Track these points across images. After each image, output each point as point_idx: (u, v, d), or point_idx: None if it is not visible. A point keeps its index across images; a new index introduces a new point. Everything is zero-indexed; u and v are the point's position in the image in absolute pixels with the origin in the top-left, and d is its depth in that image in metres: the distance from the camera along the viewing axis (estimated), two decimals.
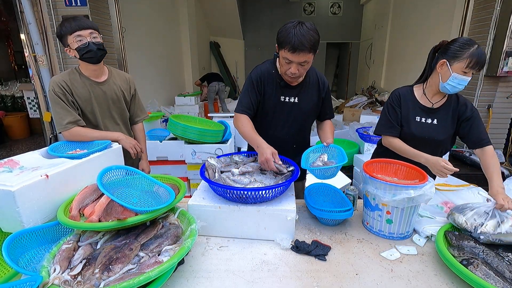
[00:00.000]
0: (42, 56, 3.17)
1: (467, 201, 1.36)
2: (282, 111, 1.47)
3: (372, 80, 7.79)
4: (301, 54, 1.21)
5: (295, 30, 1.19)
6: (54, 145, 1.38)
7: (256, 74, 1.44)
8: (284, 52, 1.24)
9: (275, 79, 1.42)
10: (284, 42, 1.22)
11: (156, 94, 5.47)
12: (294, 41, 1.18)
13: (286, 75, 1.34)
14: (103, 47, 1.50)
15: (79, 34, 1.43)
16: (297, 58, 1.23)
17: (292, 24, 1.22)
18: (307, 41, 1.19)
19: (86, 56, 1.46)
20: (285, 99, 1.45)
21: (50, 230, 0.94)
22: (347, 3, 9.40)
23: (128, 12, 4.23)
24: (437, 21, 4.56)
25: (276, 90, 1.44)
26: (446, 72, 1.27)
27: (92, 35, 1.46)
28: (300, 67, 1.28)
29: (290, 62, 1.26)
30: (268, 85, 1.43)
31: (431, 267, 0.97)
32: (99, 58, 1.50)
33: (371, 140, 3.25)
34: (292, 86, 1.43)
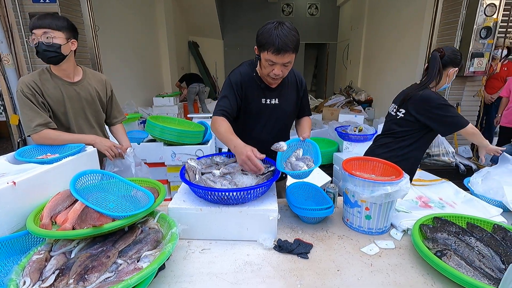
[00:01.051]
0: (7, 55, 2.99)
1: (440, 195, 1.43)
2: (264, 113, 1.47)
3: (350, 80, 8.00)
4: (285, 55, 1.20)
5: (277, 32, 1.17)
6: (22, 150, 1.30)
7: (236, 78, 1.40)
8: (267, 54, 1.22)
9: (256, 82, 1.41)
10: (266, 44, 1.20)
11: (133, 95, 5.31)
12: (277, 42, 1.17)
13: (269, 77, 1.32)
14: (57, 49, 1.41)
15: (34, 33, 1.37)
16: (281, 60, 1.22)
17: (273, 25, 1.20)
18: (291, 41, 1.18)
19: (39, 57, 1.40)
20: (267, 101, 1.44)
21: (18, 240, 0.89)
22: (324, 5, 9.60)
23: (102, 10, 4.07)
24: (409, 23, 4.76)
25: (257, 93, 1.43)
26: (452, 77, 1.62)
27: (46, 35, 1.37)
28: (283, 68, 1.27)
29: (274, 64, 1.25)
30: (248, 89, 1.41)
31: (408, 260, 1.01)
32: (49, 59, 1.42)
33: (349, 139, 3.34)
34: (272, 88, 1.43)
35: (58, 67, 1.48)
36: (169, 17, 6.99)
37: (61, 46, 1.41)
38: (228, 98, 1.39)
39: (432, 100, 1.55)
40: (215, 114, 1.38)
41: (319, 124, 4.58)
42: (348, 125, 3.62)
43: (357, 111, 5.47)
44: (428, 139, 1.71)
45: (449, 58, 1.57)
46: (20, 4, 2.91)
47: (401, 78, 4.84)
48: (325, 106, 6.24)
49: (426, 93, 1.58)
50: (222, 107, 1.38)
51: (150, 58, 6.45)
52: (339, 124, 3.92)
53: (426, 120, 1.58)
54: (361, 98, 6.37)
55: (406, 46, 4.86)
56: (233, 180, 1.21)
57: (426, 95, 1.57)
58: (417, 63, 4.38)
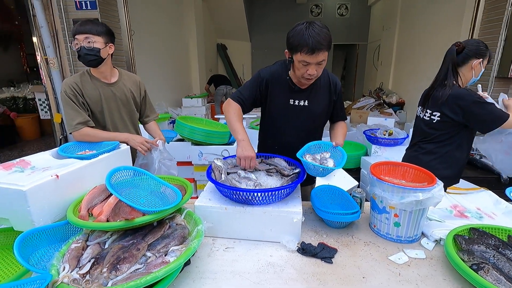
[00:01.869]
0: (53, 58, 3.24)
1: (478, 204, 1.34)
2: (292, 115, 1.44)
3: (380, 82, 7.71)
4: (319, 54, 1.19)
5: (309, 31, 1.16)
6: (64, 146, 1.41)
7: (264, 74, 1.42)
8: (300, 56, 1.21)
9: (288, 83, 1.40)
10: (299, 45, 1.19)
11: (163, 96, 5.52)
12: (311, 42, 1.16)
13: (303, 78, 1.30)
14: (96, 53, 1.51)
15: (76, 38, 1.48)
16: (315, 59, 1.21)
17: (303, 25, 1.19)
18: (323, 39, 1.17)
19: (79, 60, 1.51)
20: (295, 102, 1.42)
21: (59, 229, 0.96)
22: (355, 4, 9.35)
23: (137, 15, 4.29)
24: (446, 22, 4.50)
25: (285, 94, 1.42)
26: (478, 69, 1.52)
27: (87, 40, 1.48)
28: (318, 67, 1.25)
29: (308, 64, 1.23)
30: (276, 88, 1.41)
31: (440, 272, 0.96)
32: (89, 62, 1.52)
33: (378, 143, 3.22)
34: (302, 89, 1.40)
35: (97, 70, 1.58)
36: (199, 20, 7.19)
37: (100, 50, 1.51)
38: (248, 89, 1.43)
39: (465, 97, 1.46)
40: (231, 97, 1.43)
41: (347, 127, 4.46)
42: (378, 129, 3.49)
43: (387, 114, 5.26)
44: (470, 138, 1.62)
45: (470, 50, 1.49)
46: (65, 12, 3.15)
47: None
48: (353, 108, 6.07)
49: (457, 92, 1.48)
50: (240, 94, 1.42)
51: (180, 60, 6.67)
52: (368, 127, 3.79)
53: (463, 119, 1.49)
54: (392, 100, 6.11)
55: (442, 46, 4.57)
56: (257, 181, 1.22)
57: (457, 93, 1.47)
58: None
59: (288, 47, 1.27)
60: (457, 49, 1.51)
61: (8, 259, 0.99)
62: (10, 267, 0.95)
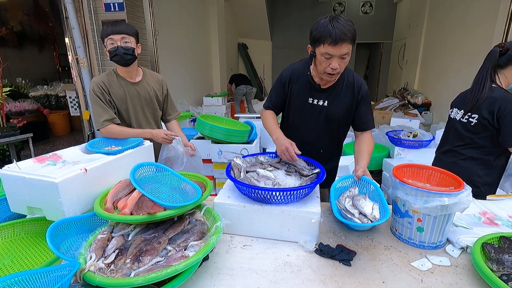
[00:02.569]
0: (83, 58, 3.41)
1: (509, 212, 1.27)
2: (311, 114, 1.43)
3: (405, 82, 7.44)
4: (343, 45, 1.17)
5: (333, 23, 1.16)
6: (92, 141, 1.48)
7: (287, 72, 1.44)
8: (323, 48, 1.19)
9: (308, 80, 1.39)
10: (322, 36, 1.17)
11: (185, 95, 5.65)
12: (334, 32, 1.14)
13: (326, 74, 1.27)
14: (132, 52, 1.58)
15: (112, 38, 1.54)
16: (339, 51, 1.18)
17: (327, 19, 1.18)
18: (348, 30, 1.16)
19: (114, 59, 1.57)
20: (313, 102, 1.41)
21: (87, 220, 1.01)
22: (380, 2, 9.08)
23: (161, 15, 4.41)
24: (479, 19, 4.26)
25: (304, 91, 1.41)
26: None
27: (124, 40, 1.55)
28: (340, 61, 1.23)
29: (331, 57, 1.21)
30: (297, 83, 1.42)
31: (465, 281, 0.91)
32: (126, 61, 1.59)
33: (402, 144, 3.11)
34: (322, 88, 1.39)
35: (125, 69, 1.65)
36: (221, 20, 7.27)
37: (134, 49, 1.59)
38: (274, 92, 1.49)
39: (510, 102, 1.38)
40: (264, 106, 1.54)
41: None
42: (401, 130, 3.37)
43: (412, 115, 5.07)
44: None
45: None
46: (95, 13, 3.30)
47: (467, 81, 4.31)
48: (376, 109, 5.90)
49: (503, 95, 1.41)
50: (269, 101, 1.52)
51: (201, 59, 6.79)
52: (391, 129, 3.68)
53: (496, 122, 1.42)
54: (418, 101, 5.87)
55: (474, 45, 4.35)
56: (276, 180, 1.22)
57: (504, 96, 1.40)
58: None
59: (311, 41, 1.26)
60: (500, 50, 1.45)
61: (41, 246, 1.06)
62: (42, 253, 1.02)
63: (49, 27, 6.21)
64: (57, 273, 0.72)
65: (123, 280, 0.73)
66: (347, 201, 0.99)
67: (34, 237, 1.11)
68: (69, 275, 0.71)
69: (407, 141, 3.09)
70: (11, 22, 5.84)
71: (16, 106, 4.61)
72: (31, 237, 1.11)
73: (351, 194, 1.07)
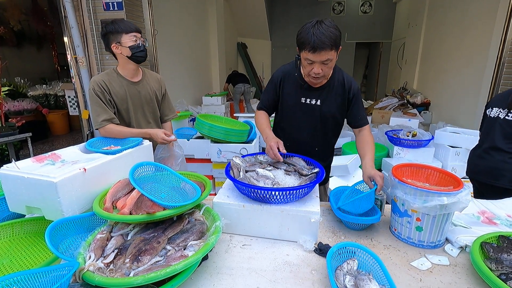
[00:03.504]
0: (82, 57, 3.40)
1: (508, 211, 1.27)
2: (304, 113, 1.46)
3: (404, 81, 7.45)
4: (322, 52, 1.19)
5: (314, 30, 1.18)
6: (91, 141, 1.47)
7: (278, 74, 1.48)
8: (305, 53, 1.23)
9: (297, 80, 1.43)
10: (304, 43, 1.21)
11: (184, 94, 5.64)
12: (313, 40, 1.17)
13: (310, 76, 1.31)
14: (147, 51, 1.65)
15: (135, 35, 1.58)
16: (318, 57, 1.21)
17: (311, 24, 1.21)
18: (327, 38, 1.17)
19: (138, 55, 1.60)
20: (306, 101, 1.44)
21: (86, 219, 1.01)
22: (379, 2, 9.07)
23: (160, 15, 4.40)
24: (478, 19, 4.26)
25: (296, 91, 1.45)
26: None
27: (142, 39, 1.62)
28: (323, 66, 1.25)
29: (312, 63, 1.25)
30: (289, 84, 1.45)
31: (464, 280, 0.92)
32: (146, 58, 1.66)
33: (401, 144, 3.12)
34: (314, 88, 1.41)
35: (133, 68, 1.66)
36: (220, 20, 7.26)
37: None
38: (268, 93, 1.52)
39: None
40: (257, 108, 1.58)
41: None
42: (401, 129, 3.38)
43: (411, 115, 5.07)
44: None
45: None
46: (94, 13, 3.29)
47: (465, 80, 4.36)
48: (375, 108, 5.90)
49: None
50: (262, 102, 1.56)
51: (201, 59, 6.78)
52: (390, 128, 3.68)
53: None
54: (417, 100, 5.88)
55: (473, 44, 4.36)
56: (275, 180, 1.22)
57: None
58: (485, 63, 3.89)
59: (297, 44, 1.29)
60: None
61: (40, 246, 1.05)
62: (41, 253, 1.02)
63: (48, 26, 6.19)
64: (56, 272, 0.72)
65: (122, 280, 0.73)
66: (347, 279, 0.84)
67: (33, 237, 1.11)
68: (68, 274, 0.71)
69: (406, 140, 3.09)
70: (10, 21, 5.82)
71: (15, 106, 4.60)
72: (30, 237, 1.11)
73: (351, 268, 0.90)
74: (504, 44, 3.35)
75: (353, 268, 0.89)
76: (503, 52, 3.24)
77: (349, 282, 0.83)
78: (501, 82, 3.26)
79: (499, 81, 3.30)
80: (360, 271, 0.90)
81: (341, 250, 0.95)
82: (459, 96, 4.51)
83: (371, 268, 0.90)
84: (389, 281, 0.83)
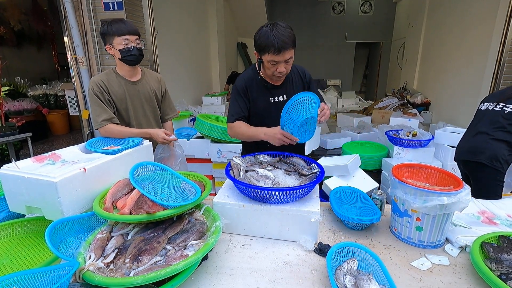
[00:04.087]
0: (82, 57, 3.40)
1: (508, 211, 1.27)
2: (275, 111, 1.50)
3: (404, 81, 7.45)
4: (286, 52, 1.28)
5: (273, 32, 1.25)
6: (91, 141, 1.47)
7: (240, 83, 1.51)
8: (268, 56, 1.30)
9: (261, 83, 1.48)
10: (266, 46, 1.28)
11: (184, 94, 5.63)
12: (277, 42, 1.24)
13: (275, 76, 1.39)
14: (142, 52, 1.63)
15: (127, 38, 1.56)
16: (282, 57, 1.29)
17: (267, 27, 1.28)
18: (288, 38, 1.26)
19: (128, 59, 1.58)
20: (275, 99, 1.51)
21: (86, 219, 1.01)
22: (379, 1, 9.07)
23: (161, 15, 4.40)
24: (478, 18, 4.26)
25: (264, 94, 1.50)
26: None
27: (137, 41, 1.59)
28: (286, 65, 1.34)
29: (277, 63, 1.32)
30: (254, 91, 1.50)
31: (464, 280, 0.92)
32: (138, 62, 1.63)
33: (401, 144, 3.12)
34: (277, 86, 1.49)
35: (129, 68, 1.65)
36: (220, 19, 7.26)
37: (142, 50, 1.63)
38: (238, 103, 1.51)
39: None
40: (229, 122, 1.51)
41: (368, 127, 4.34)
42: (401, 129, 3.37)
43: (411, 115, 5.07)
44: None
45: None
46: (94, 12, 3.29)
47: (465, 80, 4.36)
48: (375, 108, 5.90)
49: None
50: (234, 113, 1.51)
51: (201, 59, 6.78)
52: (390, 128, 3.68)
53: None
54: (417, 100, 5.88)
55: (473, 44, 4.35)
56: (276, 180, 1.22)
57: None
58: (485, 63, 3.89)
59: (256, 49, 1.36)
60: None
61: (40, 246, 1.05)
62: (41, 253, 1.02)
63: (48, 26, 6.19)
64: (56, 272, 0.72)
65: (122, 280, 0.73)
66: (347, 279, 0.84)
67: (33, 237, 1.11)
68: (68, 274, 0.71)
69: (406, 140, 3.09)
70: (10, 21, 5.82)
71: (15, 106, 4.59)
72: (30, 237, 1.11)
73: (351, 268, 0.90)
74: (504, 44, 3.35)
75: (353, 268, 0.90)
76: (503, 52, 3.24)
77: (349, 282, 0.84)
78: (501, 82, 3.26)
79: (499, 81, 3.30)
80: (360, 271, 0.90)
81: (341, 250, 0.95)
82: (459, 96, 4.51)
83: (371, 268, 0.90)
84: (389, 281, 0.83)
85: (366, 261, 0.92)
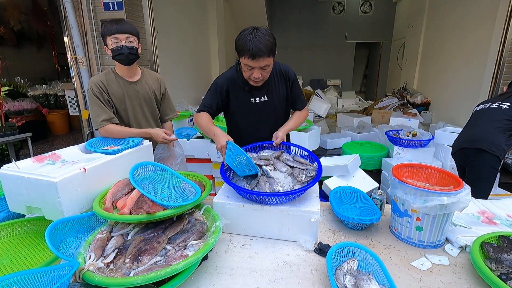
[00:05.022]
0: (82, 57, 3.40)
1: (508, 211, 1.27)
2: (255, 111, 1.53)
3: (404, 81, 7.45)
4: (260, 59, 1.27)
5: (251, 38, 1.24)
6: (91, 141, 1.47)
7: (221, 81, 1.51)
8: (244, 60, 1.30)
9: (240, 84, 1.47)
10: (243, 50, 1.27)
11: (184, 94, 5.63)
12: (252, 48, 1.24)
13: (251, 80, 1.39)
14: (136, 52, 1.60)
15: (116, 37, 1.54)
16: (257, 64, 1.29)
17: (248, 31, 1.27)
18: (264, 46, 1.25)
19: (118, 58, 1.57)
20: (256, 100, 1.51)
21: (86, 219, 1.01)
22: (379, 1, 9.07)
23: (161, 15, 4.40)
24: (478, 19, 4.26)
25: (244, 94, 1.50)
26: None
27: (129, 40, 1.57)
28: (262, 71, 1.34)
29: (252, 68, 1.32)
30: (235, 91, 1.50)
31: (464, 280, 0.92)
32: (129, 61, 1.61)
33: (401, 144, 3.12)
34: (259, 86, 1.48)
35: (126, 68, 1.65)
36: (220, 20, 7.26)
37: (137, 49, 1.61)
38: (210, 98, 1.51)
39: None
40: (198, 111, 1.52)
41: (368, 127, 4.34)
42: (401, 129, 3.37)
43: (411, 115, 5.07)
44: None
45: None
46: (94, 12, 3.29)
47: (465, 80, 4.36)
48: (375, 108, 5.90)
49: None
50: (204, 104, 1.52)
51: (201, 59, 6.78)
52: (390, 128, 3.68)
53: None
54: (417, 100, 5.88)
55: (473, 44, 4.35)
56: (274, 180, 1.21)
57: None
58: (485, 64, 3.89)
59: (236, 51, 1.35)
60: None
61: (40, 246, 1.05)
62: (41, 253, 1.02)
63: (48, 26, 6.19)
64: (56, 272, 0.72)
65: (122, 280, 0.73)
66: (347, 279, 0.84)
67: (33, 237, 1.11)
68: (68, 274, 0.71)
69: (406, 140, 3.09)
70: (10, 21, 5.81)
71: (15, 106, 4.59)
72: (30, 237, 1.11)
73: (351, 268, 0.89)
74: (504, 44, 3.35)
75: (353, 268, 0.90)
76: (503, 52, 3.24)
77: (349, 282, 0.84)
78: (501, 82, 3.26)
79: (499, 81, 3.30)
80: (360, 271, 0.90)
81: (341, 250, 0.95)
82: (459, 96, 4.50)
83: (371, 268, 0.90)
84: (389, 281, 0.83)
85: (366, 261, 0.92)
